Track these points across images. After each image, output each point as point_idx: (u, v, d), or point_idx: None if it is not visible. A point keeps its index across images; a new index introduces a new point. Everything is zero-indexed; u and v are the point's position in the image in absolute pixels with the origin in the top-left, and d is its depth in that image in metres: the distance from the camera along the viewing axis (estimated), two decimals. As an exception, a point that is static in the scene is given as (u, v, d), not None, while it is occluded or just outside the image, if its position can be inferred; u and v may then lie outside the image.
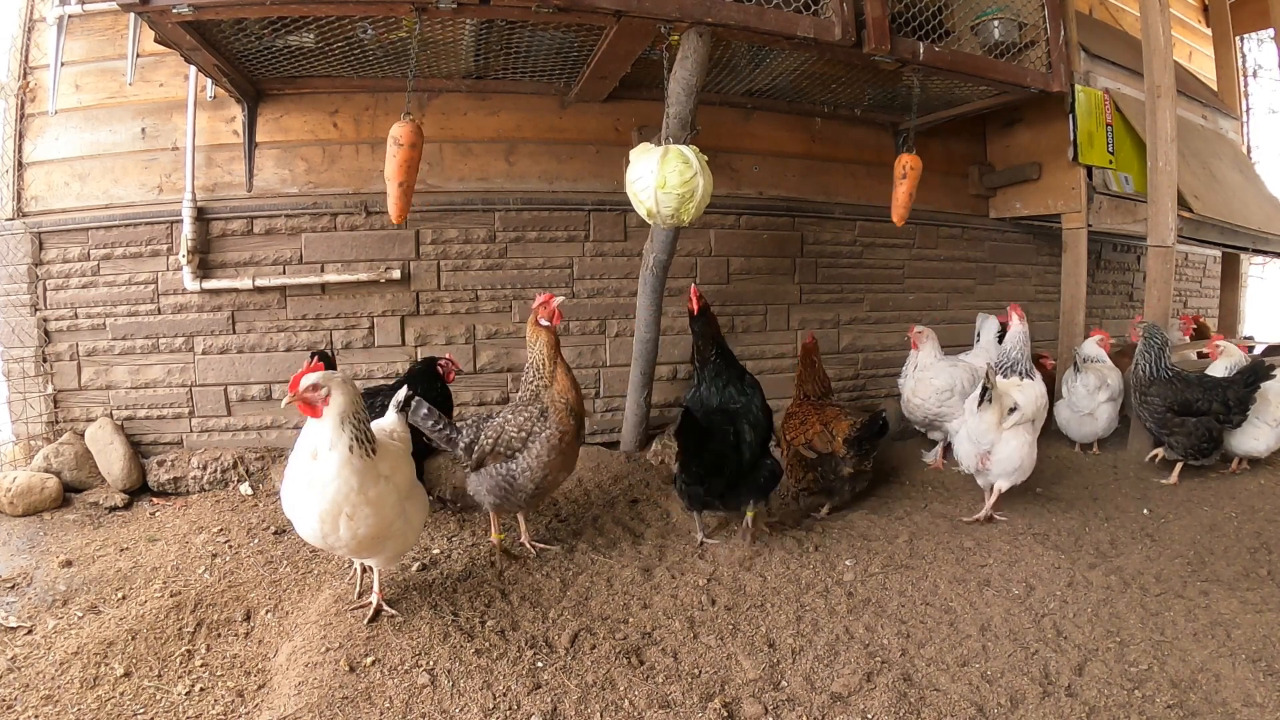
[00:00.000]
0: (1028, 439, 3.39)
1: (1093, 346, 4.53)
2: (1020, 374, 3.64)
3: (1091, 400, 4.35)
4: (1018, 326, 3.87)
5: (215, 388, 4.03)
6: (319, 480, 2.22)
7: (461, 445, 3.00)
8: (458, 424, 3.06)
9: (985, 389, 3.28)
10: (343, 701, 2.07)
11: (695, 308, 3.32)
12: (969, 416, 3.39)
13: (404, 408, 2.72)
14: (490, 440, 2.95)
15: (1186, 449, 3.93)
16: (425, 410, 2.96)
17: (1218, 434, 3.89)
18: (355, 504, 2.24)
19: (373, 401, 3.31)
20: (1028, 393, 3.44)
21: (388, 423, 2.65)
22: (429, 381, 3.52)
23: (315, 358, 3.03)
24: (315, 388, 2.23)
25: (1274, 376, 3.93)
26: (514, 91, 4.22)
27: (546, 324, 3.00)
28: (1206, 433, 3.87)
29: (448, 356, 3.65)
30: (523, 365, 4.25)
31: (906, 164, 4.10)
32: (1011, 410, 3.34)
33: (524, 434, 2.92)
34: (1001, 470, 3.38)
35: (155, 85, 3.94)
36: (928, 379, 4.19)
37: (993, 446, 3.34)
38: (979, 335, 4.64)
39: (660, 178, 2.91)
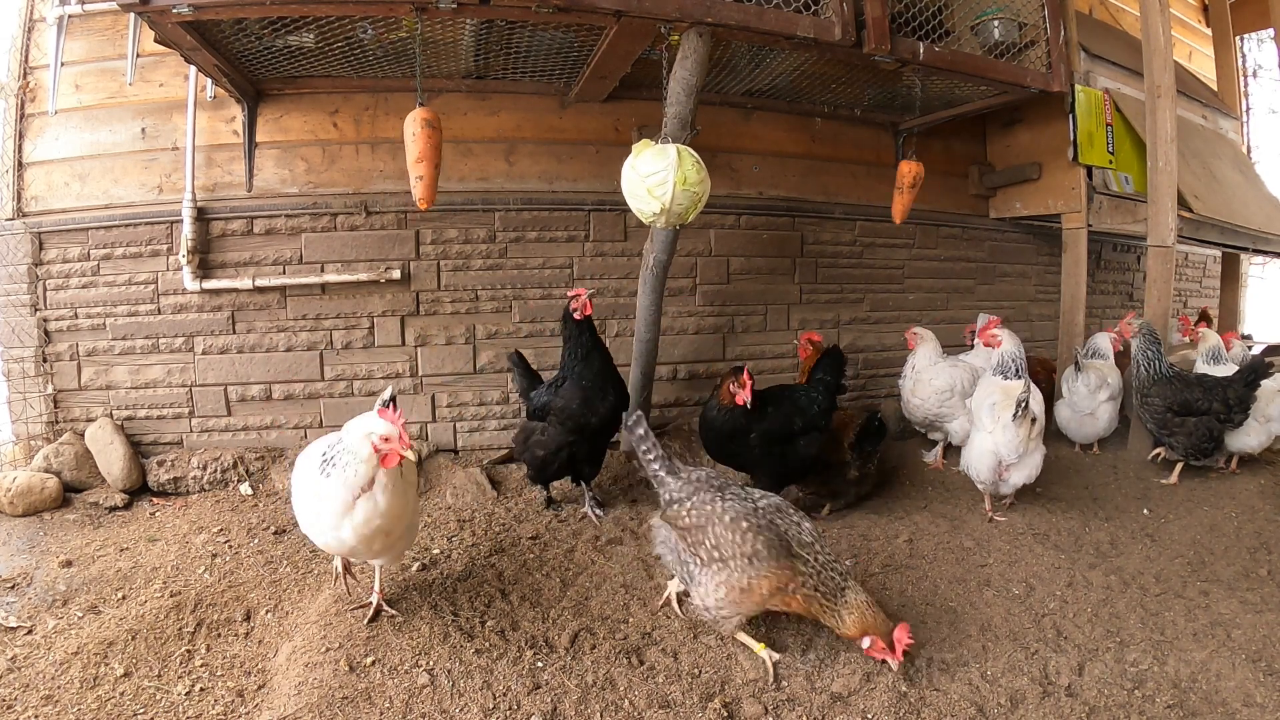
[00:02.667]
0: (1043, 449, 3.43)
1: (1104, 341, 4.55)
2: (1014, 372, 3.62)
3: (1092, 400, 4.35)
4: (1007, 335, 3.74)
5: (215, 388, 4.03)
6: (371, 510, 2.20)
7: (669, 494, 2.39)
8: (689, 468, 2.46)
9: (1022, 403, 3.23)
10: (343, 701, 2.07)
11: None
12: (1000, 430, 3.31)
13: (388, 403, 2.64)
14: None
15: (1187, 449, 3.93)
16: (642, 431, 2.51)
17: (1218, 433, 3.89)
18: (396, 518, 2.27)
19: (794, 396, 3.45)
20: (1035, 395, 3.43)
21: None
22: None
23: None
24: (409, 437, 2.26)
25: (1273, 374, 3.93)
26: (514, 91, 4.22)
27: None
28: (1207, 432, 3.87)
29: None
30: (523, 365, 4.30)
31: (913, 172, 4.11)
32: (1032, 421, 3.33)
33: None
34: (1021, 480, 3.41)
35: (155, 85, 3.94)
36: (927, 379, 4.19)
37: (1020, 459, 3.33)
38: (977, 335, 4.63)
39: (681, 174, 2.89)
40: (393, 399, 2.56)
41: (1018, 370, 3.58)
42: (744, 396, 3.17)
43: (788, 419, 3.35)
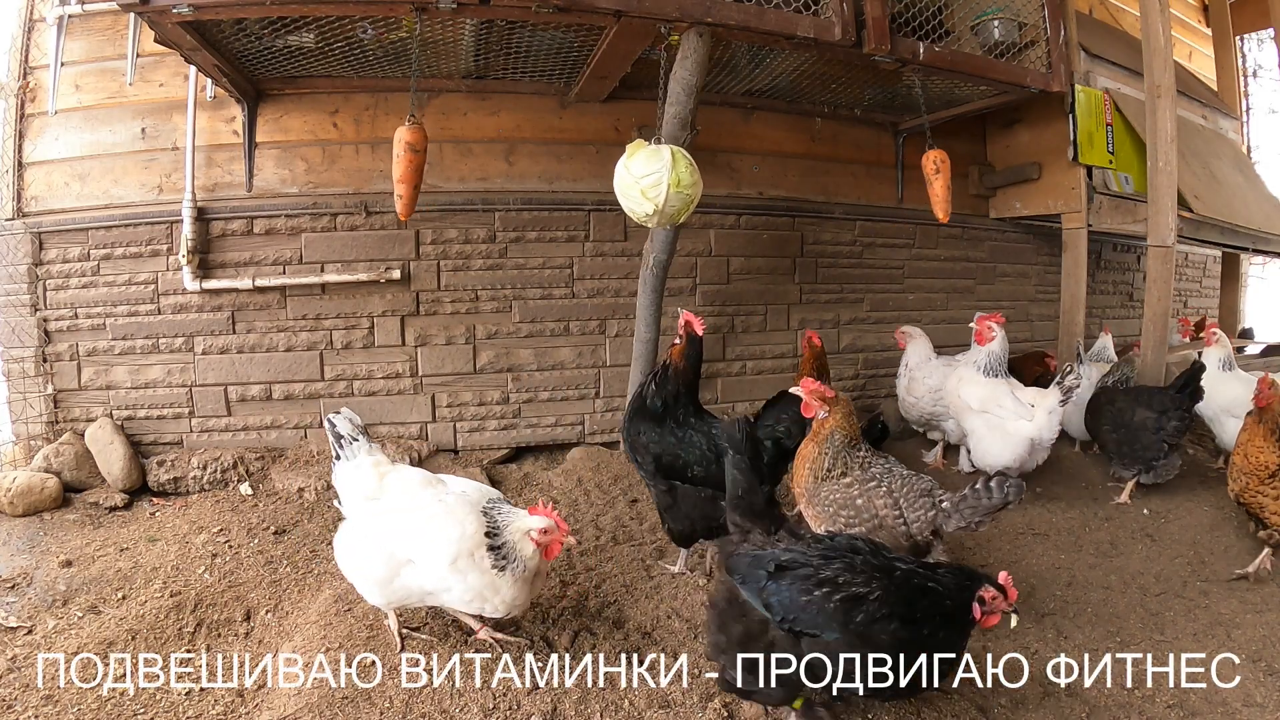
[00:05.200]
0: None
1: (1106, 344, 4.58)
2: (997, 373, 3.72)
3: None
4: (1000, 337, 3.80)
5: (215, 388, 4.03)
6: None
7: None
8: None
9: (1072, 389, 3.45)
10: (343, 701, 2.07)
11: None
12: (1043, 415, 3.47)
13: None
14: None
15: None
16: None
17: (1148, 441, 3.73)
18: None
19: None
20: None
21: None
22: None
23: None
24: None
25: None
26: (514, 91, 4.22)
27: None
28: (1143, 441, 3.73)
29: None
30: (522, 365, 4.30)
31: (935, 159, 3.99)
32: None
33: None
34: (1035, 464, 3.62)
35: (155, 85, 3.93)
36: (920, 378, 4.19)
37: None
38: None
39: (674, 176, 2.89)
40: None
41: (999, 372, 3.69)
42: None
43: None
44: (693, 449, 2.78)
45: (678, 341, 2.97)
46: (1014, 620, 1.93)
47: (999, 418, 3.58)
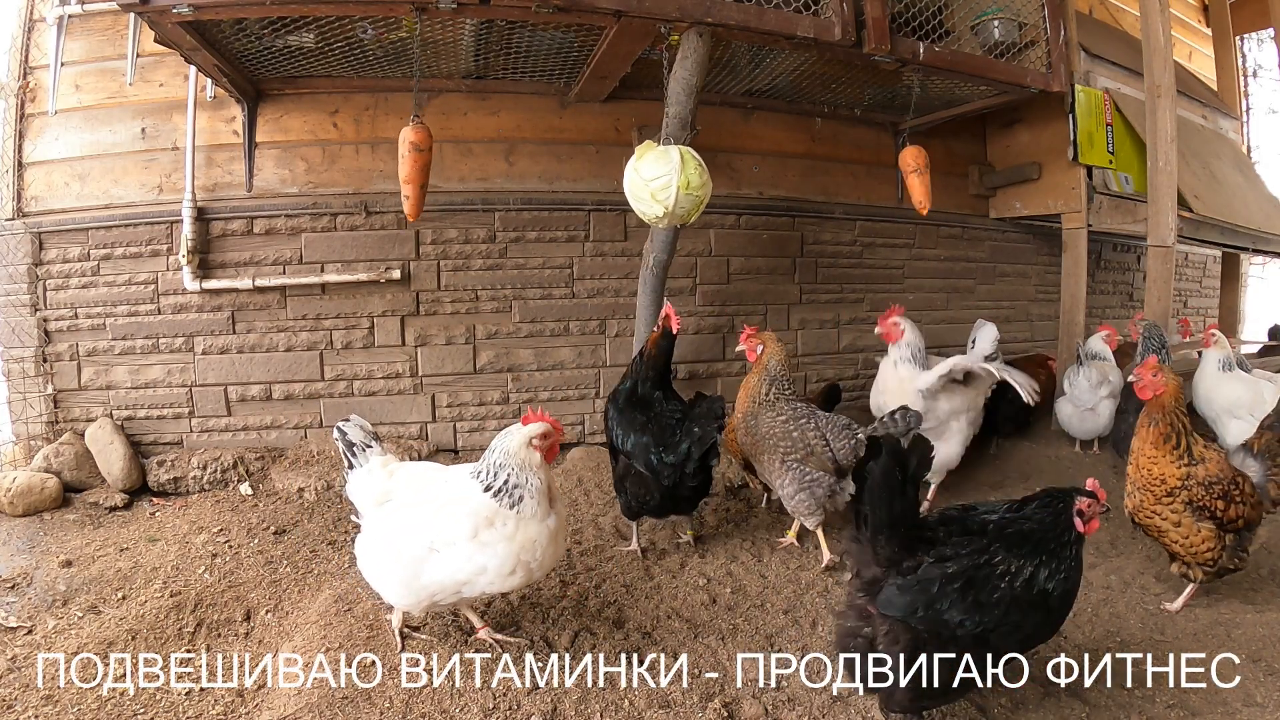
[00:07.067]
0: None
1: (1098, 343, 4.53)
2: (919, 362, 3.71)
3: (1094, 395, 4.32)
4: (908, 326, 3.73)
5: (215, 388, 4.03)
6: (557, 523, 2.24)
7: None
8: None
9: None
10: (343, 701, 2.07)
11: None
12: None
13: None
14: None
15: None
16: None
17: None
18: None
19: None
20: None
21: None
22: None
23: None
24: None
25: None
26: (514, 91, 4.22)
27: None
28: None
29: None
30: (522, 365, 4.30)
31: (911, 156, 4.03)
32: None
33: None
34: None
35: (155, 85, 3.93)
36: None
37: None
38: (974, 342, 4.44)
39: (684, 178, 2.91)
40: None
41: (922, 360, 3.67)
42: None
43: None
44: (631, 430, 3.07)
45: (655, 330, 3.35)
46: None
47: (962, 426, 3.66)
